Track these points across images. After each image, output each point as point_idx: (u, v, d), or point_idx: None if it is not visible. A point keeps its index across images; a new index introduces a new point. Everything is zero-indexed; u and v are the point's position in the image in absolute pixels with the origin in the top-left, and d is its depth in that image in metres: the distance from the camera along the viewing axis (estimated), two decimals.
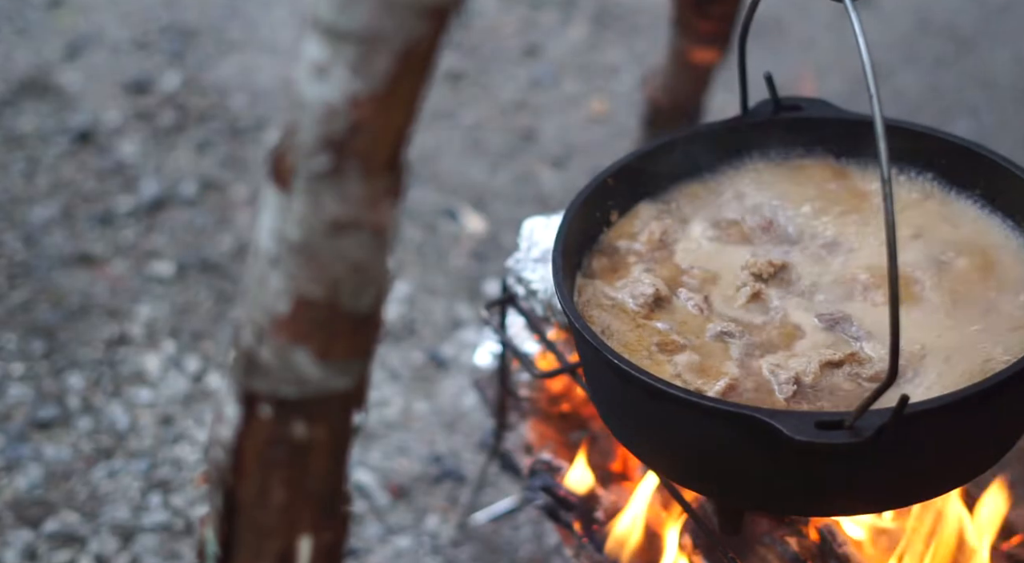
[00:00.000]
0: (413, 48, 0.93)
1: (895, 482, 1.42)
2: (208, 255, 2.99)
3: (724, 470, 1.45)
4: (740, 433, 1.36)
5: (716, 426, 1.38)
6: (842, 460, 1.33)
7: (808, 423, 1.28)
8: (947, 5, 3.76)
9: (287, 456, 1.10)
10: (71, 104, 3.45)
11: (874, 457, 1.33)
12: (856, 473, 1.38)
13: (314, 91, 0.96)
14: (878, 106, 1.22)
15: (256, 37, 3.73)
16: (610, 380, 1.47)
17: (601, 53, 3.69)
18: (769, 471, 1.40)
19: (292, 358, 1.05)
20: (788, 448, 1.29)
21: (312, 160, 0.97)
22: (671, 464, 1.53)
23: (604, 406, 1.58)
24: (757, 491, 1.46)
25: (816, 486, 1.42)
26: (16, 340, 2.75)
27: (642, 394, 1.41)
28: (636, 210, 1.73)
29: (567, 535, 1.93)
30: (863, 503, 1.46)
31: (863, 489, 1.42)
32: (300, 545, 1.14)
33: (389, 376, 2.70)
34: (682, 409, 1.38)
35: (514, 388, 2.02)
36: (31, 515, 2.40)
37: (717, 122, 1.79)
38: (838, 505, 1.48)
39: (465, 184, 3.22)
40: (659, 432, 1.48)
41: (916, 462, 1.40)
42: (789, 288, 1.60)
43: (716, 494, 1.57)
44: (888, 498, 1.47)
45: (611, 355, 1.42)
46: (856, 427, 1.27)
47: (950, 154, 1.69)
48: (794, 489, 1.43)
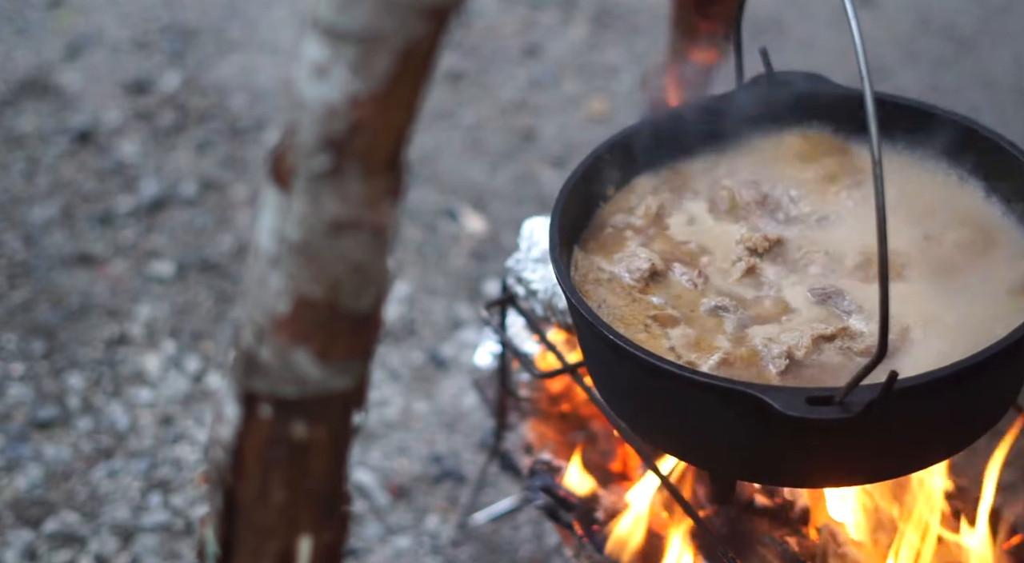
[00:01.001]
0: (413, 48, 0.93)
1: (885, 454, 1.45)
2: (208, 255, 2.99)
3: (718, 442, 1.47)
4: (733, 407, 1.38)
5: (710, 400, 1.40)
6: (832, 434, 1.35)
7: (799, 399, 1.31)
8: (947, 5, 3.76)
9: (287, 456, 1.10)
10: (71, 104, 3.45)
11: (864, 431, 1.35)
12: (846, 446, 1.40)
13: (314, 91, 0.96)
14: (868, 81, 1.23)
15: (256, 37, 3.73)
16: (606, 354, 1.49)
17: (601, 53, 3.69)
18: (762, 444, 1.42)
19: (292, 358, 1.05)
20: (780, 423, 1.31)
21: (312, 160, 0.97)
22: (665, 436, 1.55)
23: (600, 379, 1.60)
24: (750, 463, 1.48)
25: (807, 458, 1.44)
26: (16, 340, 2.75)
27: (637, 368, 1.43)
28: (632, 185, 1.74)
29: (567, 535, 1.93)
30: (854, 475, 1.49)
31: (853, 461, 1.45)
32: (300, 545, 1.14)
33: (389, 376, 2.70)
34: (676, 384, 1.40)
35: (514, 388, 2.02)
36: (31, 515, 2.40)
37: (712, 96, 1.79)
38: (829, 476, 1.50)
39: (465, 184, 3.22)
40: (653, 405, 1.49)
41: (905, 435, 1.42)
42: (783, 262, 1.61)
43: (710, 465, 1.59)
44: (878, 469, 1.49)
45: (607, 330, 1.44)
46: (846, 403, 1.29)
47: (942, 128, 1.69)
48: (786, 461, 1.46)
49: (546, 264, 1.88)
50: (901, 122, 1.70)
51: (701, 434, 1.47)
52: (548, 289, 1.87)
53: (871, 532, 1.74)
